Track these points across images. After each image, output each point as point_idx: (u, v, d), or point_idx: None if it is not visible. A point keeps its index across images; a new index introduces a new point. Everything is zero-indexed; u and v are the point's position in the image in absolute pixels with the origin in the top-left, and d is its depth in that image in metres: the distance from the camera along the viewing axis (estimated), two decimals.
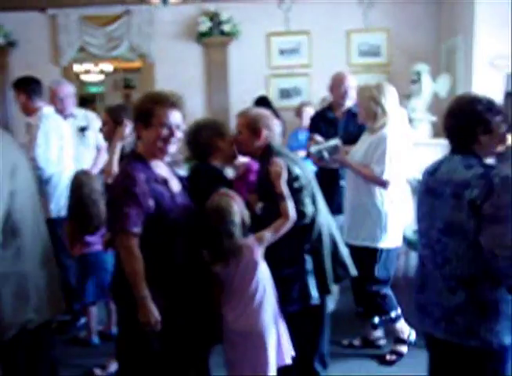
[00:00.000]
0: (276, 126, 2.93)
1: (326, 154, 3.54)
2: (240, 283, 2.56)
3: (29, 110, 4.34)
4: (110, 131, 3.42)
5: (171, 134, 2.42)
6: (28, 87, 4.35)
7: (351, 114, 4.03)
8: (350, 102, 4.08)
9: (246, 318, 2.55)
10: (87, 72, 8.07)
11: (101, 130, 3.64)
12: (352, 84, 4.08)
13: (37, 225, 2.34)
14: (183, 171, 3.22)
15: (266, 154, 2.82)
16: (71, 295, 3.75)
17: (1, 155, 2.14)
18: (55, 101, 4.65)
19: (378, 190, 3.37)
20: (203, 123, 3.04)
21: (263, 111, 2.99)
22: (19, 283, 2.19)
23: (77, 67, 7.22)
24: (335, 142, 3.57)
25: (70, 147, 4.42)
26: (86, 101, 8.77)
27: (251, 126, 2.85)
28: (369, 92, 3.44)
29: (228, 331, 2.59)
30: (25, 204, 2.24)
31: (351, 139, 3.74)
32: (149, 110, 2.42)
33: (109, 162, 3.38)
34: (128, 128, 3.29)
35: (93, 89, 10.11)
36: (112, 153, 3.37)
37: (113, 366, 3.48)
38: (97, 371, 3.52)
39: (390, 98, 3.43)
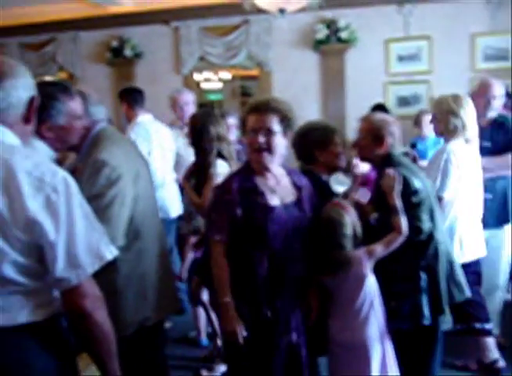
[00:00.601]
0: (399, 134, 2.80)
1: None
2: (347, 295, 2.50)
3: (130, 118, 4.60)
4: (191, 137, 3.50)
5: (260, 140, 2.37)
6: (130, 96, 4.61)
7: (497, 124, 3.79)
8: (493, 112, 3.80)
9: (351, 331, 2.49)
10: (206, 80, 8.34)
11: (187, 135, 3.72)
12: (498, 93, 3.79)
13: (156, 228, 2.44)
14: None
15: (385, 163, 2.70)
16: None
17: (126, 162, 2.25)
18: (176, 108, 4.85)
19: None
20: (311, 127, 2.91)
21: (388, 117, 2.87)
22: (140, 283, 2.29)
23: (197, 76, 7.48)
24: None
25: (167, 152, 4.56)
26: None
27: (374, 132, 2.72)
28: (446, 104, 3.26)
29: (333, 343, 2.54)
30: (146, 208, 2.34)
31: (498, 148, 3.60)
32: (243, 120, 2.46)
33: (190, 198, 3.48)
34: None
35: (212, 97, 10.43)
36: (187, 190, 3.47)
37: (221, 368, 3.53)
38: (204, 372, 3.59)
39: (468, 110, 3.25)
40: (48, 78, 6.71)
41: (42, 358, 1.51)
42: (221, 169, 3.30)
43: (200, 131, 3.35)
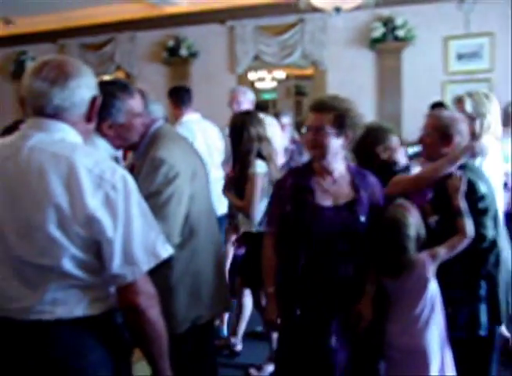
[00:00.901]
0: (467, 133, 2.68)
1: None
2: (408, 298, 2.42)
3: (176, 117, 4.64)
4: (231, 137, 3.51)
5: (310, 137, 2.39)
6: (177, 95, 4.63)
7: None
8: None
9: (410, 335, 2.41)
10: (261, 80, 8.33)
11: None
12: None
13: (211, 227, 2.45)
14: None
15: None
16: None
17: (184, 160, 2.26)
18: (234, 106, 4.86)
19: None
20: (368, 128, 2.83)
21: (456, 114, 2.76)
22: (193, 281, 2.30)
23: (251, 75, 7.48)
24: None
25: (214, 151, 4.60)
26: (260, 107, 9.07)
27: (442, 130, 2.60)
28: (481, 102, 3.12)
29: (390, 347, 2.47)
30: (201, 206, 2.35)
31: None
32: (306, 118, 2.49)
33: (234, 204, 3.49)
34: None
35: (266, 96, 10.40)
36: (230, 198, 3.49)
37: (269, 368, 3.51)
38: (253, 371, 3.58)
39: (497, 107, 3.16)
40: (106, 77, 6.87)
41: (97, 351, 1.54)
42: (260, 169, 3.30)
43: (240, 131, 3.36)
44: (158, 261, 1.56)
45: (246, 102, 4.97)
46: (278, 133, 4.45)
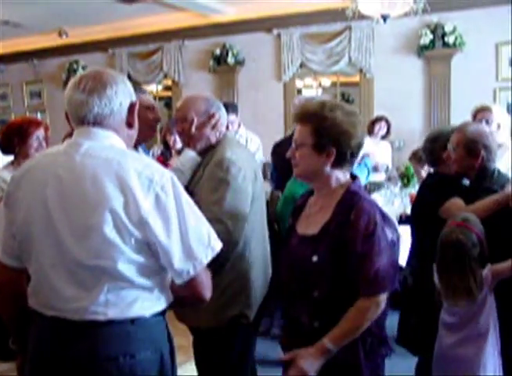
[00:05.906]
0: (496, 146, 2.63)
1: None
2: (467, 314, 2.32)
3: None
4: None
5: None
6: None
7: None
8: None
9: (464, 348, 2.32)
10: (307, 87, 8.33)
11: None
12: None
13: (263, 229, 2.47)
14: None
15: (480, 178, 2.57)
16: None
17: (248, 163, 2.31)
18: None
19: None
20: (438, 133, 2.90)
21: (483, 128, 2.72)
22: (240, 278, 2.32)
23: (298, 83, 7.49)
24: None
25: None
26: None
27: (468, 145, 2.57)
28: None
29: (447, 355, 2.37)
30: (257, 209, 2.37)
31: None
32: None
33: None
34: None
35: None
36: None
37: None
38: None
39: None
40: (154, 86, 6.93)
41: (146, 351, 1.59)
42: None
43: None
44: (214, 253, 1.61)
45: None
46: None
